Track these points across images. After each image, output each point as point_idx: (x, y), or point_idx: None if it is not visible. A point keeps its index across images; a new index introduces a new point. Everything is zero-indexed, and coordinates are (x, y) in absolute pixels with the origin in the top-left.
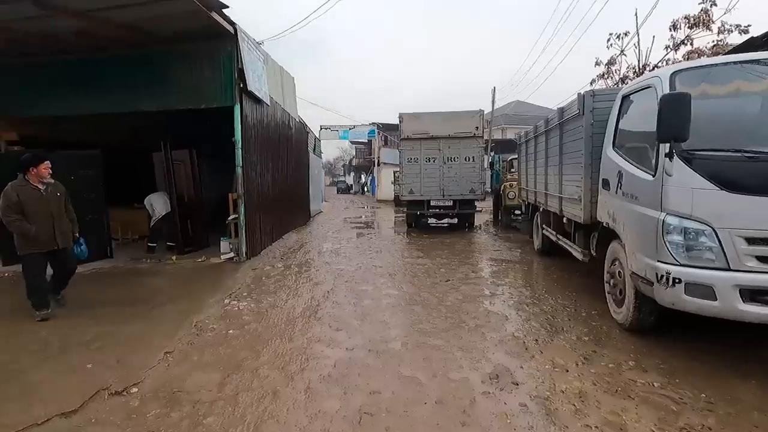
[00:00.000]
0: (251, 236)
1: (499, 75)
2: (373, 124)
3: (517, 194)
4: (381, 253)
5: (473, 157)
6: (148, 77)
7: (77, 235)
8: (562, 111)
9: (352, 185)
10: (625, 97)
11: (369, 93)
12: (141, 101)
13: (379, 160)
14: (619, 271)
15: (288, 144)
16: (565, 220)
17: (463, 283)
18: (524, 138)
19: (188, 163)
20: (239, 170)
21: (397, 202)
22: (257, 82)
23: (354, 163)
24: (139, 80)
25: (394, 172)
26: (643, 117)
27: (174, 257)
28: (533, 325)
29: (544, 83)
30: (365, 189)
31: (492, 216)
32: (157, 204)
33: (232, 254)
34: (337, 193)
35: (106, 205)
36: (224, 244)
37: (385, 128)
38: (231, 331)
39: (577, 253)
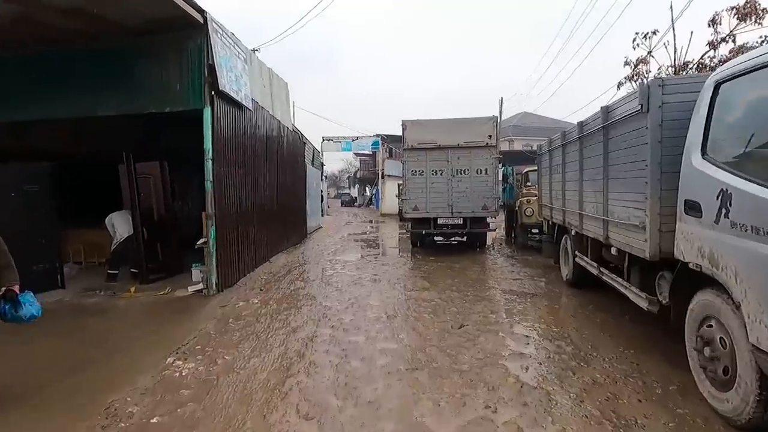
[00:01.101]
0: (224, 264)
1: (505, 86)
2: (377, 135)
3: (535, 211)
4: (379, 283)
5: (486, 170)
6: (107, 77)
7: (15, 289)
8: (607, 110)
9: (356, 198)
10: (722, 84)
11: (371, 104)
12: (100, 105)
13: (383, 173)
14: (722, 339)
15: (278, 155)
16: (614, 251)
17: (481, 330)
18: (547, 147)
19: (158, 177)
20: (209, 186)
21: (402, 216)
22: (234, 83)
23: (358, 175)
24: (98, 80)
25: (399, 185)
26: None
27: (133, 288)
28: (589, 411)
29: (552, 95)
30: (371, 202)
31: (504, 233)
32: (119, 224)
33: (201, 285)
34: (341, 206)
35: (57, 225)
36: (195, 273)
37: (390, 140)
38: (156, 420)
39: (637, 298)
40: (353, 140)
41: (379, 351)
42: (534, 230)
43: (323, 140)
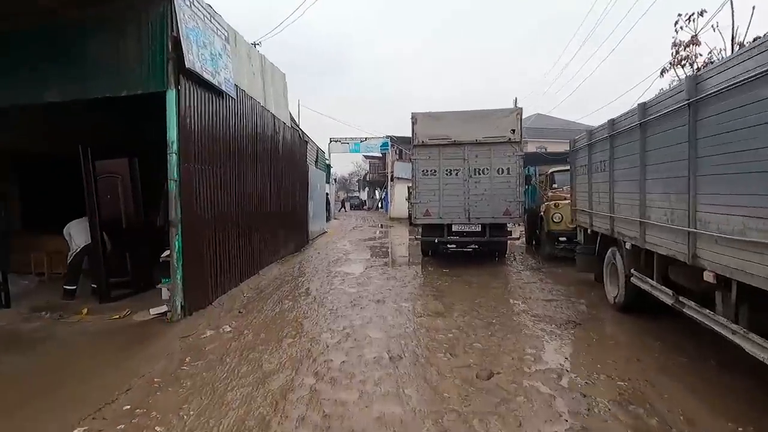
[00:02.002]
0: (194, 281)
1: (519, 88)
2: (387, 136)
3: (564, 217)
4: (383, 304)
5: (508, 169)
6: (54, 57)
7: None
8: (694, 81)
9: (365, 201)
10: None
11: (380, 106)
12: (48, 89)
13: (392, 175)
14: None
15: (273, 153)
16: (711, 277)
17: (518, 384)
18: (585, 141)
19: (127, 176)
20: (173, 186)
21: (411, 221)
22: (210, 62)
23: (368, 178)
24: (43, 61)
25: (408, 188)
26: None
27: (85, 310)
28: None
29: (569, 95)
30: (380, 205)
31: (525, 241)
32: (77, 233)
33: (165, 308)
34: (351, 209)
35: (6, 233)
36: (164, 291)
37: (399, 141)
38: None
39: (758, 348)
40: (361, 141)
41: (375, 421)
42: (561, 238)
43: (330, 141)
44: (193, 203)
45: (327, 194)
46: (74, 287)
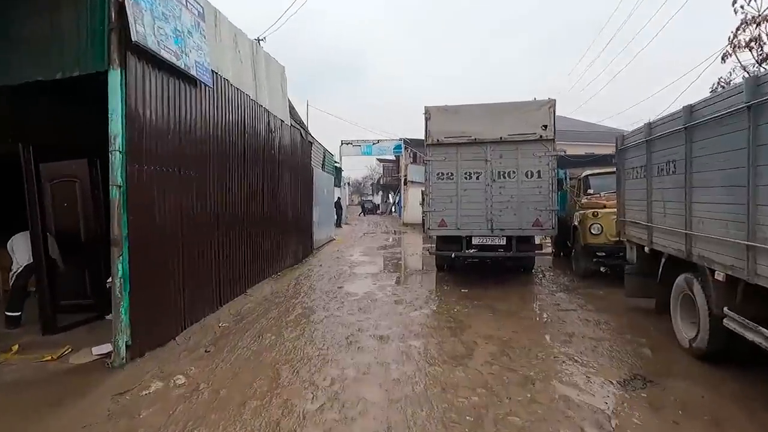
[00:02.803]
0: (149, 313)
1: (537, 91)
2: (400, 139)
3: (605, 228)
4: (387, 344)
5: (539, 172)
6: None
7: None
8: None
9: (378, 205)
10: None
11: (392, 110)
12: None
13: (406, 179)
14: None
15: (267, 153)
16: None
17: None
18: (640, 137)
19: (87, 181)
20: (114, 194)
21: (425, 231)
22: (174, 40)
23: (381, 182)
24: None
25: (422, 192)
26: None
27: (16, 346)
28: None
29: (590, 97)
30: (393, 209)
31: (552, 252)
32: (20, 249)
33: (111, 346)
34: (363, 214)
35: None
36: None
37: (413, 144)
38: None
39: None
40: (374, 144)
41: None
42: (599, 253)
43: (342, 144)
44: (148, 214)
45: (339, 198)
46: (17, 314)
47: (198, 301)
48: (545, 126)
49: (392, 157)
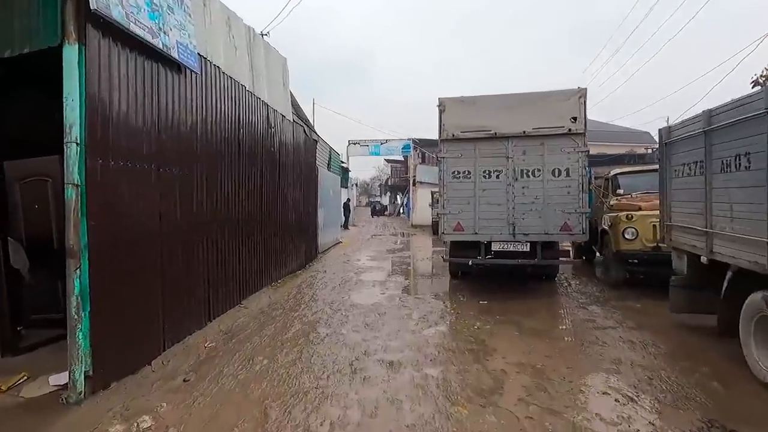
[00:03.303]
0: (116, 336)
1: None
2: (409, 139)
3: (640, 233)
4: (397, 374)
5: (567, 170)
6: None
7: None
8: None
9: (387, 206)
10: None
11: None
12: None
13: (414, 180)
14: None
15: (265, 150)
16: None
17: None
18: (695, 128)
19: (59, 180)
20: (70, 194)
21: (435, 228)
22: (149, 15)
23: (390, 182)
24: None
25: (432, 193)
26: None
27: None
28: None
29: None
30: (401, 211)
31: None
32: None
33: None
34: (372, 215)
35: None
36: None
37: (422, 144)
38: None
39: None
40: (381, 143)
41: None
42: (632, 260)
43: (349, 144)
44: (115, 218)
45: (348, 200)
46: None
47: (182, 317)
48: (575, 118)
49: (400, 158)
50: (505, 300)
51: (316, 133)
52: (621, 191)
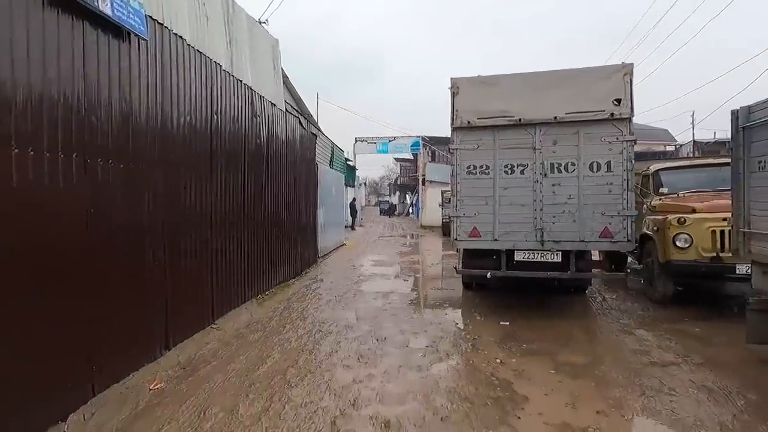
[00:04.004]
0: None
1: None
2: (418, 136)
3: (696, 241)
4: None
5: (609, 164)
6: None
7: None
8: None
9: (395, 205)
10: None
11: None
12: None
13: (424, 179)
14: None
15: (249, 141)
16: None
17: None
18: None
19: None
20: None
21: (446, 229)
22: None
23: (399, 181)
24: None
25: (443, 192)
26: None
27: None
28: None
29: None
30: (410, 211)
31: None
32: None
33: None
34: (380, 214)
35: None
36: None
37: (432, 141)
38: None
39: None
40: (390, 141)
41: None
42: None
43: (356, 141)
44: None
45: (354, 199)
46: None
47: (124, 348)
48: (618, 100)
49: (410, 156)
50: (530, 320)
51: (316, 127)
52: (664, 190)
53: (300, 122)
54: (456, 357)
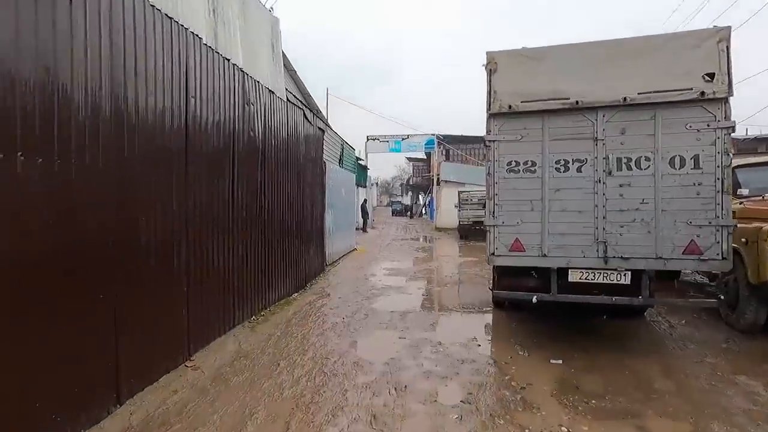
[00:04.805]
0: None
1: None
2: (433, 134)
3: None
4: None
5: (696, 158)
6: None
7: None
8: None
9: (408, 206)
10: None
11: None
12: None
13: (438, 178)
14: None
15: (240, 134)
16: None
17: None
18: None
19: None
20: None
21: (463, 232)
22: None
23: (411, 182)
24: None
25: (459, 193)
26: None
27: None
28: None
29: None
30: (423, 212)
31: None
32: None
33: None
34: (392, 215)
35: None
36: None
37: (447, 140)
38: None
39: None
40: (403, 139)
41: None
42: None
43: (368, 139)
44: None
45: (366, 201)
46: None
47: (47, 414)
48: (710, 75)
49: (422, 156)
50: (587, 356)
51: (324, 122)
52: (744, 191)
53: (305, 115)
54: (503, 421)
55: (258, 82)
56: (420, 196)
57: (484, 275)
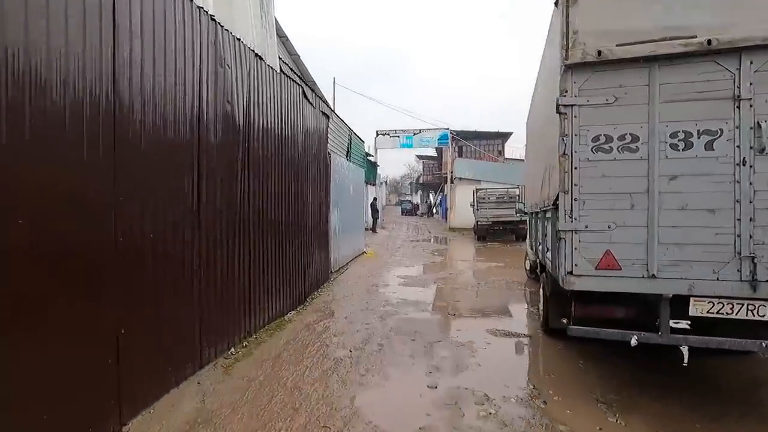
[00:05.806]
0: None
1: None
2: (446, 128)
3: None
4: None
5: None
6: None
7: None
8: None
9: (418, 205)
10: None
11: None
12: None
13: (452, 176)
14: None
15: (210, 109)
16: None
17: None
18: None
19: None
20: None
21: (480, 233)
22: None
23: (421, 180)
24: None
25: (475, 190)
26: None
27: None
28: None
29: None
30: (434, 211)
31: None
32: None
33: None
34: (402, 214)
35: None
36: None
37: (460, 136)
38: None
39: None
40: (415, 134)
41: None
42: None
43: (377, 135)
44: None
45: (375, 199)
46: None
47: None
48: None
49: (433, 153)
50: (694, 419)
51: (328, 106)
52: None
53: (304, 93)
54: None
55: (240, 40)
56: (430, 194)
57: (515, 281)
